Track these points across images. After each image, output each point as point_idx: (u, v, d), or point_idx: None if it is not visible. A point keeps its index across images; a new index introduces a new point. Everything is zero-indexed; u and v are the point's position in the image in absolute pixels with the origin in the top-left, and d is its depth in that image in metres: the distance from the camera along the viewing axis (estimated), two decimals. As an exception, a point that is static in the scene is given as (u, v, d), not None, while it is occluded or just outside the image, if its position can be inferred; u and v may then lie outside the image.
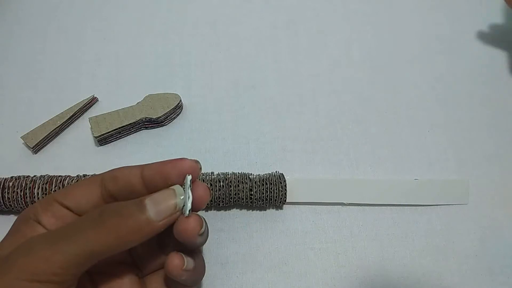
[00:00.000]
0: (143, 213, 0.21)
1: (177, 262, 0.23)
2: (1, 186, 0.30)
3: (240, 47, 0.43)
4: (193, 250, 0.26)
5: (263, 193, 0.30)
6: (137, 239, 0.21)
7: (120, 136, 0.36)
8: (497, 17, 0.44)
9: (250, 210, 0.32)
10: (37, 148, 0.35)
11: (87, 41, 0.43)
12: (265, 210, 0.32)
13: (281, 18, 0.45)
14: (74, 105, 0.37)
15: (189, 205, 0.22)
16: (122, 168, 0.24)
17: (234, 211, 0.32)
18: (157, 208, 0.21)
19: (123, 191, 0.23)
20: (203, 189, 0.23)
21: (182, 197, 0.22)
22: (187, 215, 0.22)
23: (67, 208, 0.23)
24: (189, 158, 0.23)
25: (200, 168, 0.24)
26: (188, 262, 0.24)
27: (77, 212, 0.24)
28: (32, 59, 0.41)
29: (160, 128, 0.37)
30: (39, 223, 0.23)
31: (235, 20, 0.45)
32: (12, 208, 0.30)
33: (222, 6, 0.46)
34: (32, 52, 0.41)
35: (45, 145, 0.35)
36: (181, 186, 0.23)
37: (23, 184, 0.30)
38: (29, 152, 0.35)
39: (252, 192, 0.30)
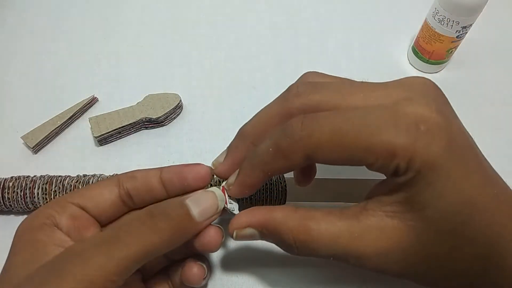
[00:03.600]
0: (188, 214, 0.22)
1: (196, 270, 0.25)
2: (1, 186, 0.30)
3: (240, 47, 0.43)
4: (201, 254, 0.26)
5: (263, 193, 0.30)
6: (183, 239, 0.22)
7: (120, 136, 0.36)
8: None
9: (250, 210, 0.32)
10: (37, 148, 0.35)
11: (87, 41, 0.43)
12: (265, 210, 0.32)
13: (281, 18, 0.45)
14: (74, 105, 0.37)
15: (237, 204, 0.25)
16: (140, 170, 0.25)
17: (234, 211, 0.32)
18: (199, 208, 0.22)
19: (140, 190, 0.24)
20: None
21: (222, 200, 0.24)
22: (237, 212, 0.24)
23: (83, 208, 0.23)
24: (205, 164, 0.25)
25: (213, 175, 0.25)
26: (206, 269, 0.25)
27: (93, 212, 0.24)
28: (32, 59, 0.41)
29: (160, 128, 0.37)
30: (57, 226, 0.22)
31: (235, 20, 0.45)
32: (12, 208, 0.30)
33: (222, 6, 0.46)
34: (32, 52, 0.41)
35: (45, 145, 0.35)
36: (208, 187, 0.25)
37: (23, 184, 0.30)
38: (29, 152, 0.35)
39: (252, 192, 0.30)
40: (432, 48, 0.38)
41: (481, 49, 0.43)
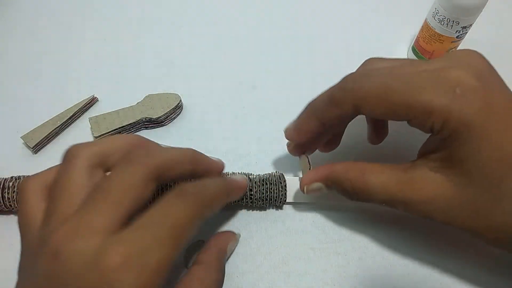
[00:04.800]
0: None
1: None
2: (1, 186, 0.30)
3: (240, 47, 0.43)
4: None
5: (263, 193, 0.30)
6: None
7: (120, 136, 0.36)
8: None
9: (250, 210, 0.32)
10: (37, 148, 0.35)
11: (87, 41, 0.43)
12: (265, 210, 0.32)
13: (281, 18, 0.45)
14: (74, 105, 0.37)
15: None
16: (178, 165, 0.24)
17: (234, 211, 0.32)
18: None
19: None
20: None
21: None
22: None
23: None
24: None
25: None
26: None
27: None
28: (32, 59, 0.41)
29: (160, 128, 0.37)
30: None
31: (235, 20, 0.45)
32: (12, 208, 0.30)
33: (222, 6, 0.46)
34: (32, 52, 0.41)
35: (45, 145, 0.35)
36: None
37: (23, 184, 0.30)
38: (29, 152, 0.35)
39: (252, 192, 0.30)
40: (432, 48, 0.38)
41: (481, 49, 0.42)
